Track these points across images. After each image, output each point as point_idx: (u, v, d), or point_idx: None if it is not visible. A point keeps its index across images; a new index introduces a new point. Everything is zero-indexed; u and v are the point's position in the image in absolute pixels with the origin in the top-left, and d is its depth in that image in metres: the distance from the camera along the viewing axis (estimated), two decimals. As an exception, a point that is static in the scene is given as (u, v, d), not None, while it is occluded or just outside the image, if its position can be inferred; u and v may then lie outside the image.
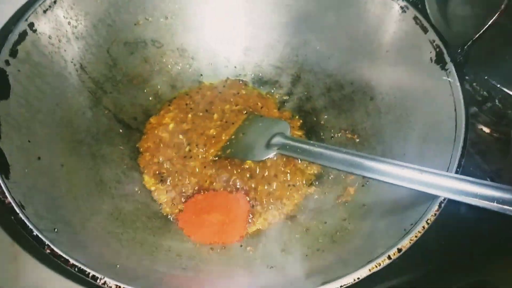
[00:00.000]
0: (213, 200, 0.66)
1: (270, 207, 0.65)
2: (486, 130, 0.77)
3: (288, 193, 0.66)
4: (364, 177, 0.61)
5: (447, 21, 0.73)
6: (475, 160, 0.75)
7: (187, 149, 0.69)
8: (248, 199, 0.65)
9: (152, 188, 0.66)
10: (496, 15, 0.54)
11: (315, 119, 0.73)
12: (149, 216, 0.62)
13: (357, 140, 0.68)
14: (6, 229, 0.71)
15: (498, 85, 0.62)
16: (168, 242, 0.58)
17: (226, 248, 0.61)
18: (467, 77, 0.64)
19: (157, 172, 0.67)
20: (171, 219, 0.64)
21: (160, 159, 0.68)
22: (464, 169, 0.56)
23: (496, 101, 0.63)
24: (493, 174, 0.74)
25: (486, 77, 0.63)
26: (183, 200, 0.65)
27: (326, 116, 0.73)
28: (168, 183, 0.66)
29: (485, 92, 0.64)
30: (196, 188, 0.66)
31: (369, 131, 0.67)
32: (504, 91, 0.61)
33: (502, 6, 0.54)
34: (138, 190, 0.65)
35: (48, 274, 0.68)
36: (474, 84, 0.64)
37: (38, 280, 0.69)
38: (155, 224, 0.61)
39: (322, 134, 0.72)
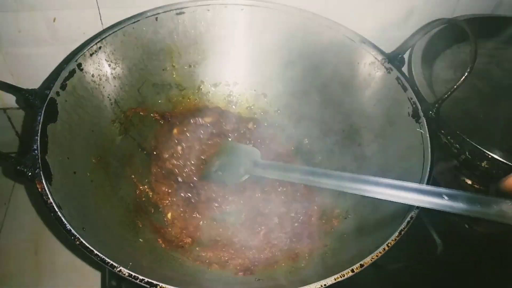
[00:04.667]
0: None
1: None
2: (468, 181, 0.84)
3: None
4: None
5: (430, 82, 0.83)
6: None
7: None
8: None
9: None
10: (461, 81, 0.63)
11: (310, 158, 0.83)
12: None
13: (345, 179, 0.77)
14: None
15: (464, 137, 0.70)
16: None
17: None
18: (443, 131, 0.74)
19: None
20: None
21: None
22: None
23: (467, 153, 0.72)
24: (471, 221, 0.82)
25: (458, 132, 0.71)
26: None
27: (320, 157, 0.82)
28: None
29: (457, 145, 0.72)
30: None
31: (355, 173, 0.76)
32: (471, 143, 0.69)
33: (466, 72, 0.63)
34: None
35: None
36: (449, 137, 0.73)
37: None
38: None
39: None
